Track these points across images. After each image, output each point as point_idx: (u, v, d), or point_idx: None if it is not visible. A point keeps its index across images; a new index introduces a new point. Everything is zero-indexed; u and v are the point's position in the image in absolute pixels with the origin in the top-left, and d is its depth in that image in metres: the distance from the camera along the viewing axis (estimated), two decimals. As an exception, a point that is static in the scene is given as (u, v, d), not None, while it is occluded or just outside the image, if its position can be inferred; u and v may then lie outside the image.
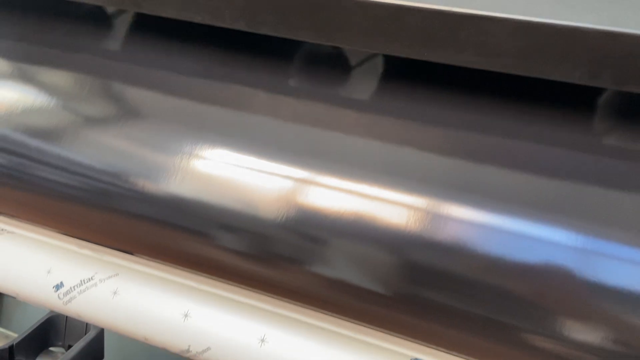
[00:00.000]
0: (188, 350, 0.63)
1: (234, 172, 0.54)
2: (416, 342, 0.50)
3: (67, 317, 0.88)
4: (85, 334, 0.85)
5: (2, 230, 0.72)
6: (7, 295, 1.25)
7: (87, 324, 0.87)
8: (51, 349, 0.92)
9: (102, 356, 0.89)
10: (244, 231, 0.50)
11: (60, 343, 0.92)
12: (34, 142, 0.60)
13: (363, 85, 0.54)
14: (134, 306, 0.65)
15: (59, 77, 0.63)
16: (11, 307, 1.19)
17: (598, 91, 0.44)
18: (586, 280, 0.44)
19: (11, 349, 0.80)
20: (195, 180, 0.55)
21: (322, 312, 0.54)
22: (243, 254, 0.52)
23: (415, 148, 0.51)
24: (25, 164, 0.59)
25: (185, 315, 0.63)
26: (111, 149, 0.58)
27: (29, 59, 0.64)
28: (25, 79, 0.65)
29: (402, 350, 0.55)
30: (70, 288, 0.66)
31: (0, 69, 0.65)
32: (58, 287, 0.67)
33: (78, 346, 0.80)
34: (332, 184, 0.51)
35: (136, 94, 0.60)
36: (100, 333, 0.86)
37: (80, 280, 0.66)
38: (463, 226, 0.47)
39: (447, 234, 0.47)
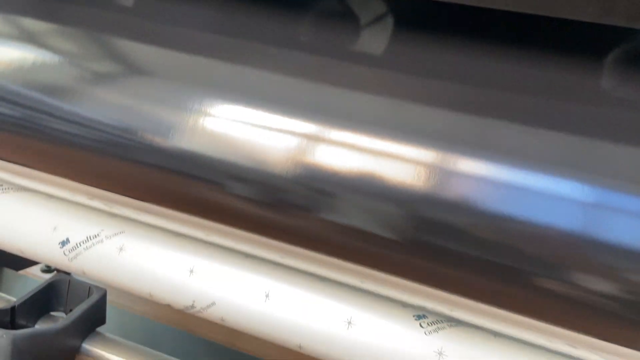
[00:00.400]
0: (192, 306, 0.64)
1: (244, 123, 0.55)
2: (424, 286, 0.51)
3: (69, 281, 0.88)
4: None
5: (8, 188, 0.73)
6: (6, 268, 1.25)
7: (89, 288, 0.87)
8: (52, 313, 0.92)
9: (104, 321, 0.89)
10: (255, 178, 0.51)
11: (61, 308, 0.92)
12: (47, 97, 0.61)
13: (373, 40, 0.55)
14: (140, 263, 0.65)
15: (70, 34, 0.64)
16: (11, 279, 1.20)
17: (609, 40, 0.45)
18: (592, 233, 0.45)
19: (13, 310, 0.80)
20: (206, 131, 0.55)
21: (327, 262, 0.55)
22: (253, 200, 0.52)
23: (423, 103, 0.52)
24: (39, 117, 0.60)
25: (191, 271, 0.63)
26: (124, 102, 0.58)
27: (39, 15, 0.65)
28: (37, 35, 0.65)
29: (408, 300, 0.55)
30: (76, 244, 0.67)
31: (12, 26, 0.65)
32: (64, 243, 0.67)
33: (80, 309, 0.80)
34: (344, 135, 0.52)
35: (146, 50, 0.60)
36: (103, 297, 0.86)
37: (87, 237, 0.67)
38: (472, 178, 0.48)
39: (456, 186, 0.48)
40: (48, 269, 1.52)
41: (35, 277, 1.28)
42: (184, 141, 0.55)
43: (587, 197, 0.46)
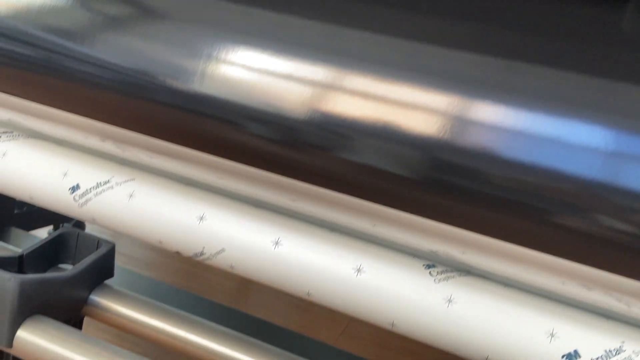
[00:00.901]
0: (202, 253, 0.64)
1: (260, 62, 0.54)
2: (437, 225, 0.50)
3: (78, 234, 0.89)
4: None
5: (18, 134, 0.73)
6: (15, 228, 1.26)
7: (98, 241, 0.88)
8: (60, 265, 0.93)
9: (112, 274, 0.89)
10: (272, 116, 0.51)
11: (70, 261, 0.92)
12: (68, 39, 0.60)
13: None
14: (150, 209, 0.65)
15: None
16: (20, 238, 1.20)
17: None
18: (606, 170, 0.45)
19: (21, 259, 0.80)
20: (224, 72, 0.55)
21: (339, 202, 0.54)
22: (270, 137, 0.52)
23: (442, 45, 0.51)
24: (58, 57, 0.59)
25: (201, 218, 0.63)
26: (150, 44, 0.58)
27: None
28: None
29: (419, 244, 0.55)
30: (87, 190, 0.67)
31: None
32: (74, 189, 0.67)
33: (88, 260, 0.81)
34: (363, 76, 0.51)
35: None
36: (111, 250, 0.86)
37: (97, 183, 0.67)
38: (489, 117, 0.48)
39: (473, 125, 0.48)
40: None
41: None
42: (204, 82, 0.54)
43: (601, 138, 0.45)
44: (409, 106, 0.51)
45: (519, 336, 0.54)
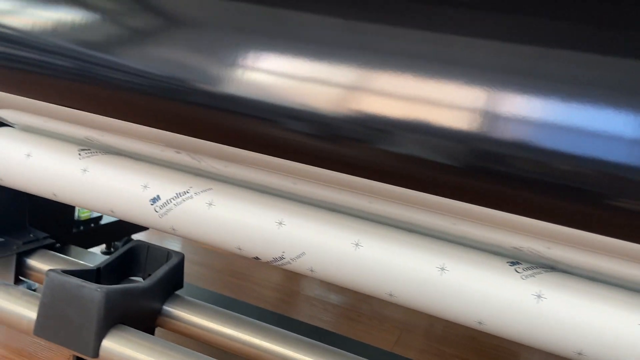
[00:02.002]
0: (282, 257, 0.65)
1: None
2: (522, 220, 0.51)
3: (148, 247, 0.91)
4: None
5: (97, 151, 0.76)
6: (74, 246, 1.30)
7: (168, 253, 0.89)
8: (131, 278, 0.95)
9: (182, 285, 0.91)
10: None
11: (140, 274, 0.95)
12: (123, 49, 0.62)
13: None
14: (229, 216, 0.67)
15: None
16: (79, 256, 1.24)
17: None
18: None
19: (98, 271, 0.83)
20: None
21: (421, 201, 0.55)
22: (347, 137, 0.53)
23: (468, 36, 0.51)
24: (131, 74, 0.62)
25: (280, 223, 0.65)
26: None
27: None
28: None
29: (503, 240, 0.55)
30: (167, 201, 0.69)
31: None
32: (154, 200, 0.70)
33: (162, 271, 0.82)
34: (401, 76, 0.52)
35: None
36: (181, 261, 0.88)
37: (176, 194, 0.69)
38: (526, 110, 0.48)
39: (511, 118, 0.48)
40: (107, 252, 1.58)
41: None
42: (273, 90, 0.56)
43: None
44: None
45: (612, 329, 0.53)
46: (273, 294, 1.71)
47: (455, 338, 1.59)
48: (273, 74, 0.55)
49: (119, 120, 0.67)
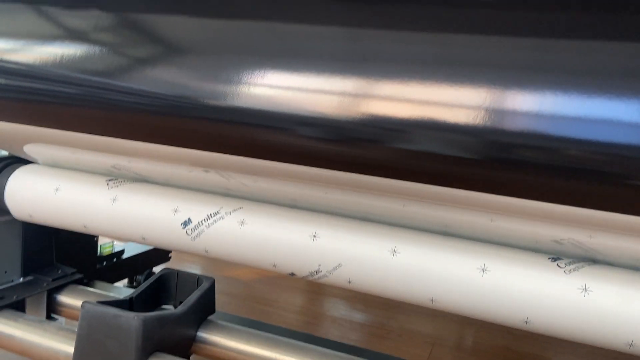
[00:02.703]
0: (318, 271, 0.65)
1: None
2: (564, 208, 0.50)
3: (178, 274, 0.91)
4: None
5: (124, 180, 0.76)
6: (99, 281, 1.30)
7: (198, 278, 0.89)
8: (163, 307, 0.94)
9: (214, 310, 0.90)
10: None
11: (171, 302, 0.94)
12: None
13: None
14: (261, 234, 0.67)
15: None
16: (106, 290, 1.24)
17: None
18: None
19: (131, 301, 0.83)
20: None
21: (455, 199, 0.55)
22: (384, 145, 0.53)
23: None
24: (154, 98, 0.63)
25: (314, 237, 0.65)
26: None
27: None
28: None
29: (544, 233, 0.55)
30: (198, 223, 0.69)
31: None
32: (186, 223, 0.70)
33: (194, 296, 0.82)
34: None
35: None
36: (212, 286, 0.87)
37: (207, 215, 0.69)
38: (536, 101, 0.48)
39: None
40: (130, 286, 1.58)
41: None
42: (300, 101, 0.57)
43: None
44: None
45: (665, 317, 0.52)
46: (299, 317, 1.70)
47: (488, 348, 1.56)
48: (296, 86, 0.56)
49: (146, 143, 0.68)
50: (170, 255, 1.78)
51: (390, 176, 0.55)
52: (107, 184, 0.76)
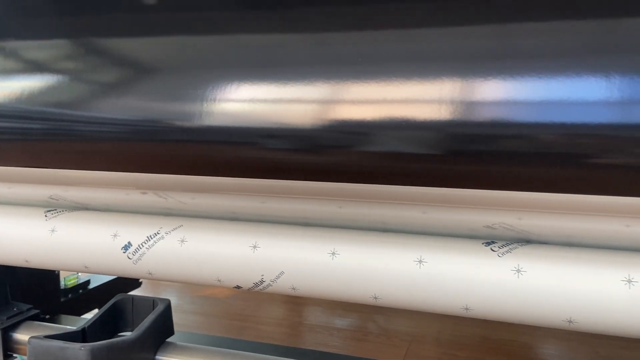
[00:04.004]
0: (262, 281, 0.64)
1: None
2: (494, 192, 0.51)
3: (132, 298, 0.89)
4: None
5: (62, 210, 0.75)
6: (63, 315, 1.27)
7: (153, 301, 0.88)
8: (120, 334, 0.92)
9: (172, 332, 0.89)
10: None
11: (129, 328, 0.92)
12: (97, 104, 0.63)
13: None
14: (203, 250, 0.66)
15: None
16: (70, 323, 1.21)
17: None
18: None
19: (83, 332, 0.81)
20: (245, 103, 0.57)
21: (390, 195, 0.55)
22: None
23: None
24: (85, 124, 0.62)
25: (254, 247, 0.64)
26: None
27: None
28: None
29: (476, 219, 0.55)
30: (139, 246, 0.68)
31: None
32: (126, 247, 0.69)
33: (148, 320, 0.80)
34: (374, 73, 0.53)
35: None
36: (168, 307, 0.86)
37: (147, 237, 0.68)
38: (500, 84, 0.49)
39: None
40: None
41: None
42: (229, 114, 0.56)
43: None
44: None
45: (598, 289, 0.53)
46: (277, 329, 1.69)
47: (466, 340, 1.57)
48: (228, 99, 0.56)
49: (82, 171, 0.67)
50: (140, 281, 1.75)
51: (330, 180, 0.55)
52: (46, 215, 0.75)
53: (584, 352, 1.42)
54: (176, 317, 1.75)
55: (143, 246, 0.68)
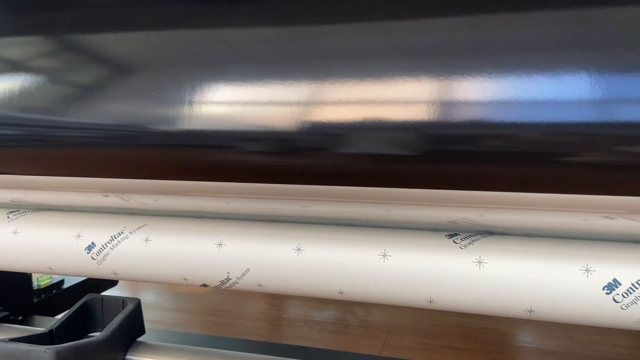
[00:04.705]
0: (228, 278, 0.64)
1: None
2: (454, 192, 0.51)
3: (102, 299, 0.88)
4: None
5: (25, 211, 0.74)
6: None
7: (123, 300, 0.87)
8: (90, 335, 0.91)
9: (144, 331, 0.88)
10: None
11: (99, 328, 0.91)
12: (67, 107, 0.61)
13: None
14: (168, 248, 0.65)
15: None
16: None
17: None
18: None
19: (51, 334, 0.80)
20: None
21: (353, 195, 0.55)
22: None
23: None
24: (47, 130, 0.60)
25: (219, 244, 0.64)
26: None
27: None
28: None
29: (438, 216, 0.55)
30: (102, 246, 0.67)
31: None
32: (90, 248, 0.68)
33: (117, 320, 0.79)
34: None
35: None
36: (138, 307, 0.85)
37: (111, 237, 0.67)
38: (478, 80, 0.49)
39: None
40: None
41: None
42: (193, 118, 0.55)
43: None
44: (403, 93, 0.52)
45: (557, 279, 0.54)
46: (256, 324, 1.68)
47: (442, 329, 1.59)
48: (187, 102, 0.55)
49: (43, 176, 0.66)
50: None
51: (290, 182, 0.55)
52: (8, 217, 0.73)
53: (559, 337, 1.45)
54: (154, 315, 1.74)
55: (107, 246, 0.67)
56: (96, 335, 0.91)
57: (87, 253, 0.68)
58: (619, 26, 0.46)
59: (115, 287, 1.74)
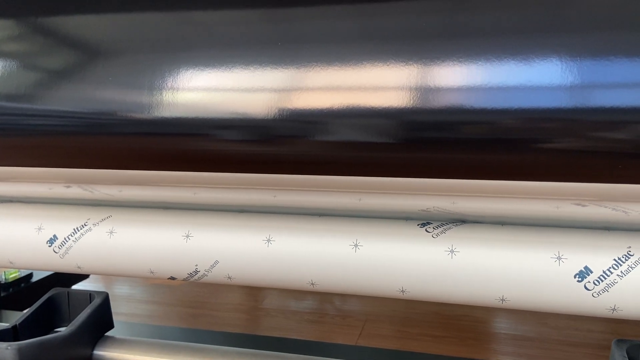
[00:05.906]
0: (196, 271, 0.62)
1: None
2: (426, 180, 0.50)
3: (68, 293, 0.85)
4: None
5: (-17, 202, 0.70)
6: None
7: (90, 295, 0.84)
8: (57, 330, 0.89)
9: (112, 325, 0.86)
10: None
11: (65, 323, 0.88)
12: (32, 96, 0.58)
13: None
14: (133, 241, 0.63)
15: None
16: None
17: None
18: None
19: (15, 329, 0.77)
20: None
21: (324, 184, 0.53)
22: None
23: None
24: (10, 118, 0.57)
25: (187, 236, 0.62)
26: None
27: None
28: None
29: (410, 204, 0.54)
30: (65, 239, 0.65)
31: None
32: (52, 241, 0.65)
33: (83, 315, 0.76)
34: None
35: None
36: (105, 301, 0.83)
37: (74, 229, 0.65)
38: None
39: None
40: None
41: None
42: (164, 105, 0.53)
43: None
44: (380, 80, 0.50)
45: (529, 267, 0.53)
46: (233, 315, 1.67)
47: (419, 317, 1.59)
48: (156, 87, 0.53)
49: (1, 167, 0.62)
50: (89, 272, 1.70)
51: (253, 171, 0.53)
52: (-36, 210, 0.70)
53: (534, 323, 1.47)
54: (128, 307, 1.71)
55: (69, 239, 0.65)
56: (62, 330, 0.89)
57: (49, 246, 0.65)
58: (594, 10, 0.45)
59: (88, 279, 1.71)
